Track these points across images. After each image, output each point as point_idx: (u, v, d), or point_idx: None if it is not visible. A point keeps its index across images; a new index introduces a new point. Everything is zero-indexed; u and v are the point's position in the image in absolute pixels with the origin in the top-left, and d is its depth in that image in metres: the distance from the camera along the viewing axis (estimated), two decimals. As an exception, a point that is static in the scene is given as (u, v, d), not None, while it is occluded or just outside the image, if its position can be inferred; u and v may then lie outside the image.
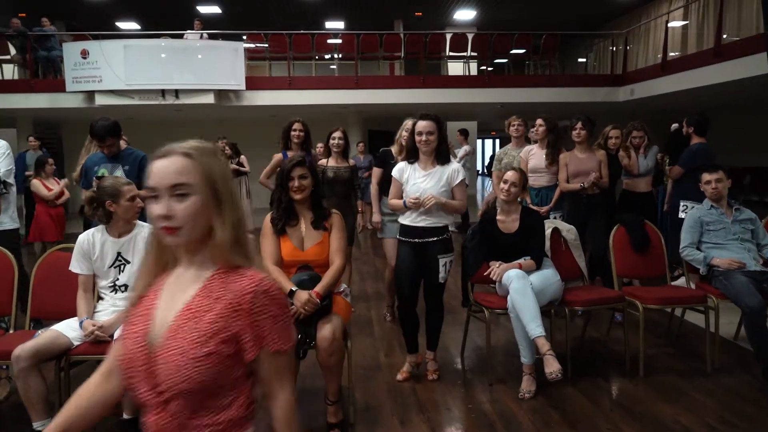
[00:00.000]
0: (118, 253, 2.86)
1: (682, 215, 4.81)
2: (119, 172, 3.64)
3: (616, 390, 3.25)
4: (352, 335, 3.09)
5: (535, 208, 4.42)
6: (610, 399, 3.16)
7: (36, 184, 6.34)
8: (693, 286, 3.78)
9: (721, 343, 3.62)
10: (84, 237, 2.85)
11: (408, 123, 4.01)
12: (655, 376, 3.40)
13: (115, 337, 2.64)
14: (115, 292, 2.87)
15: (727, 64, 7.98)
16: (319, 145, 9.02)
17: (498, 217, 3.55)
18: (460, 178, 3.26)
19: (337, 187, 4.49)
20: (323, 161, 4.59)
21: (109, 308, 2.83)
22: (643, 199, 4.95)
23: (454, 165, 3.29)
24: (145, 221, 3.24)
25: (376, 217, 4.33)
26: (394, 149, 4.24)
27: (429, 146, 3.21)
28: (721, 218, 3.68)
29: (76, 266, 2.84)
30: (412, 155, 3.33)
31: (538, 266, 3.39)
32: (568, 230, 3.87)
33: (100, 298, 2.88)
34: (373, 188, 4.37)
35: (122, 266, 2.87)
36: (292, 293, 2.63)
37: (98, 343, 2.65)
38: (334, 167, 4.51)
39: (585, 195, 4.44)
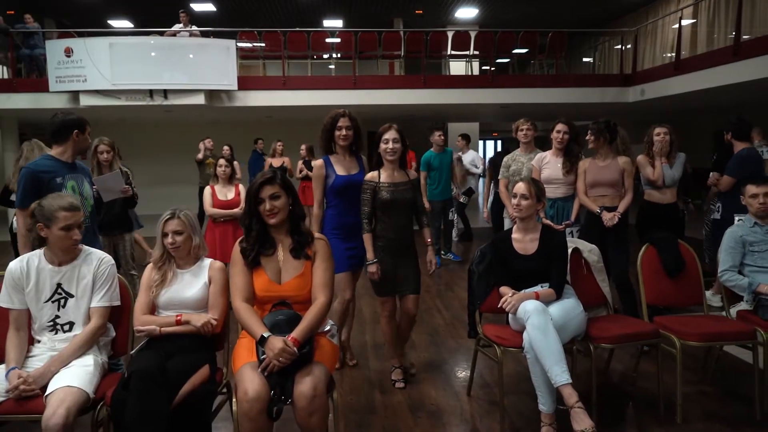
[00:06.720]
0: (58, 285, 2.38)
1: None
2: (87, 188, 3.16)
3: (651, 442, 2.76)
4: (341, 376, 2.60)
5: (548, 222, 3.92)
6: (645, 454, 2.67)
7: None
8: (733, 313, 3.30)
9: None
10: (16, 264, 2.38)
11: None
12: (694, 424, 2.91)
13: (48, 392, 2.15)
14: (56, 333, 2.38)
15: (747, 63, 7.53)
16: (303, 146, 8.46)
17: (513, 236, 3.06)
18: None
19: (396, 213, 3.18)
20: (373, 175, 3.23)
21: (47, 353, 2.33)
22: (667, 211, 4.43)
23: None
24: (95, 245, 2.77)
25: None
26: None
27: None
28: (767, 237, 3.20)
29: (5, 299, 2.36)
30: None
31: (558, 296, 2.91)
32: (590, 251, 3.38)
33: (36, 341, 2.39)
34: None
35: (62, 300, 2.38)
36: (263, 340, 2.13)
37: (25, 399, 2.14)
38: (388, 184, 3.17)
39: (602, 208, 3.96)
